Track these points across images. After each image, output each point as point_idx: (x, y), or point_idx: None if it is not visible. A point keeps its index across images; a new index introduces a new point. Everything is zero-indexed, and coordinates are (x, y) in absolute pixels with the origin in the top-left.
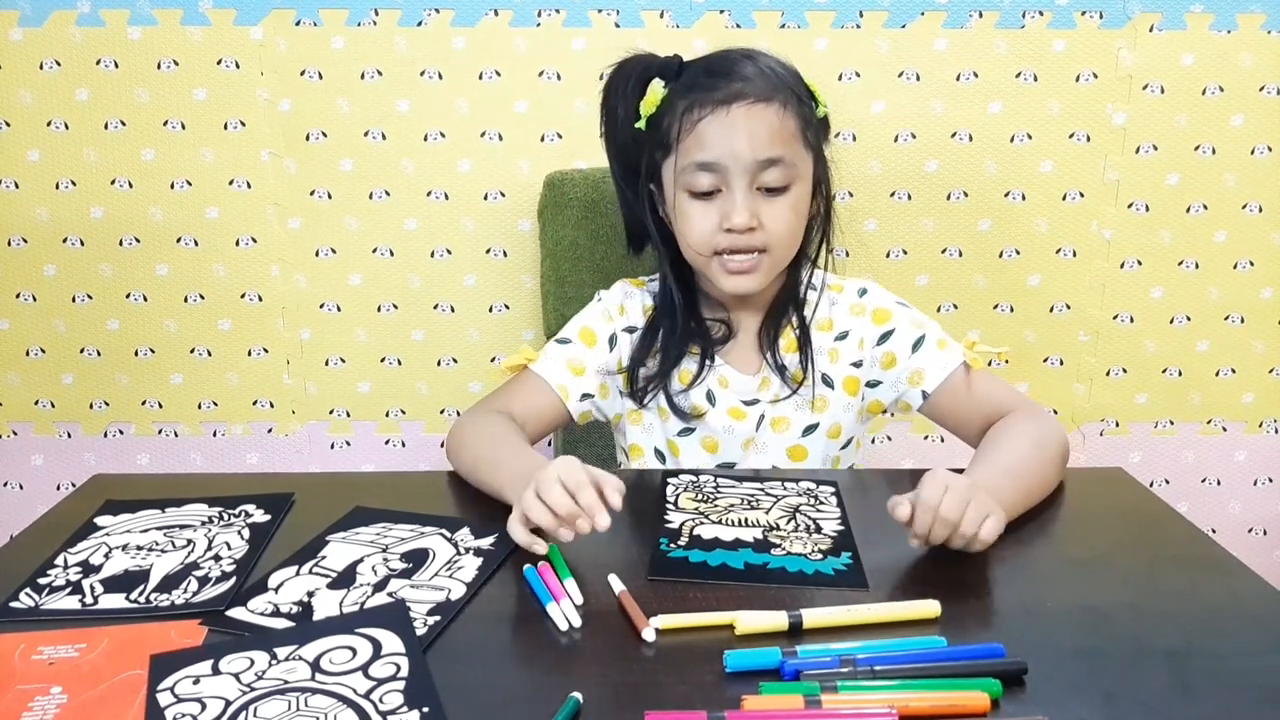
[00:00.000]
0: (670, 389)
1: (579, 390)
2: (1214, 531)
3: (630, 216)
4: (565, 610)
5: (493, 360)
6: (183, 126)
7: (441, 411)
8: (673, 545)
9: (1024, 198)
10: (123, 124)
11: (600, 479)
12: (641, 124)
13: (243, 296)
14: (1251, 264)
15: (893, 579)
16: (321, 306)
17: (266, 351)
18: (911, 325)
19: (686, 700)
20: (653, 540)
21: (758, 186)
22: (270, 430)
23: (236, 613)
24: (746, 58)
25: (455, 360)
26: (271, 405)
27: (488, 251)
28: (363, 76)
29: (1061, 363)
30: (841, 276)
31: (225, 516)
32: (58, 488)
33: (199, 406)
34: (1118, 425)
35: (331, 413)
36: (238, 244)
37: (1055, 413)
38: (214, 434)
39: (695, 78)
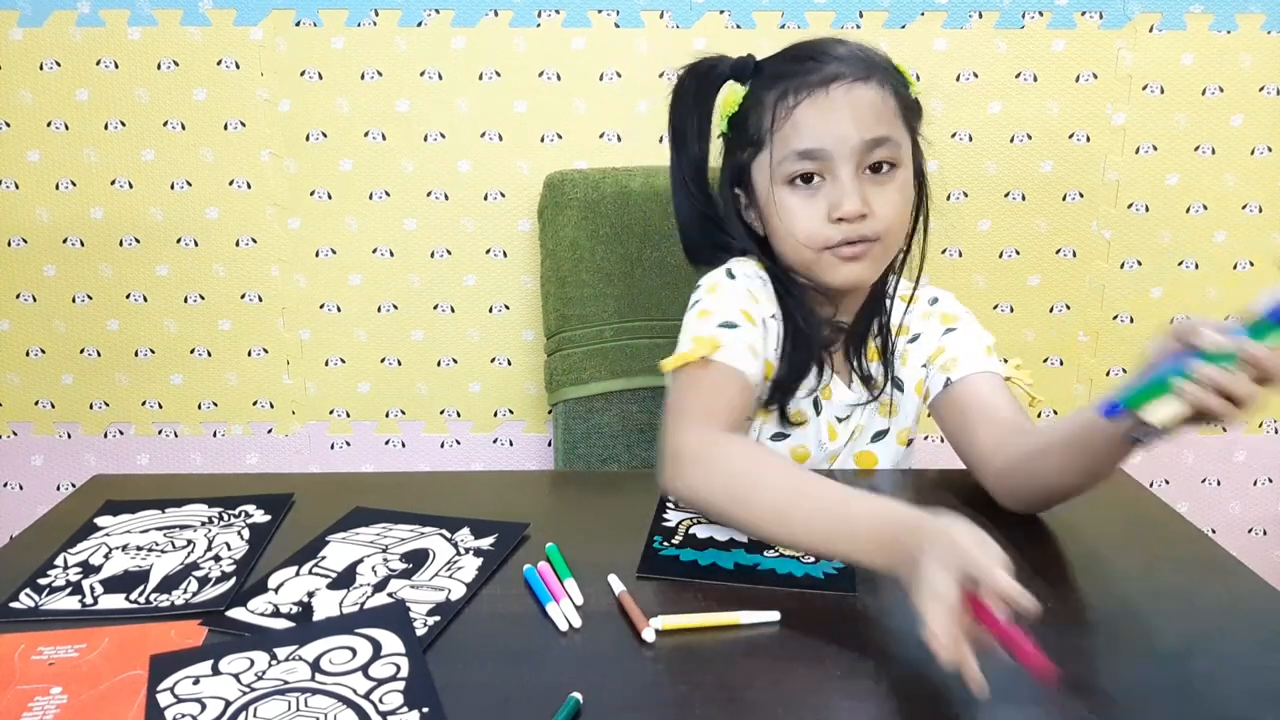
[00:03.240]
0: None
1: (760, 376)
2: (1214, 531)
3: (690, 227)
4: (565, 610)
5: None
6: (183, 127)
7: (441, 412)
8: (666, 544)
9: (1024, 198)
10: (123, 124)
11: (983, 577)
12: (723, 126)
13: (243, 297)
14: (1251, 264)
15: (886, 583)
16: (321, 307)
17: (266, 352)
18: (973, 333)
19: (686, 700)
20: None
21: (863, 169)
22: (270, 430)
23: (236, 613)
24: (835, 41)
25: (455, 360)
26: (271, 405)
27: (488, 252)
28: (363, 77)
29: (1061, 363)
30: (913, 285)
31: (225, 517)
32: (58, 488)
33: (199, 407)
34: None
35: (331, 413)
36: (238, 244)
37: (1055, 413)
38: (214, 434)
39: (780, 67)
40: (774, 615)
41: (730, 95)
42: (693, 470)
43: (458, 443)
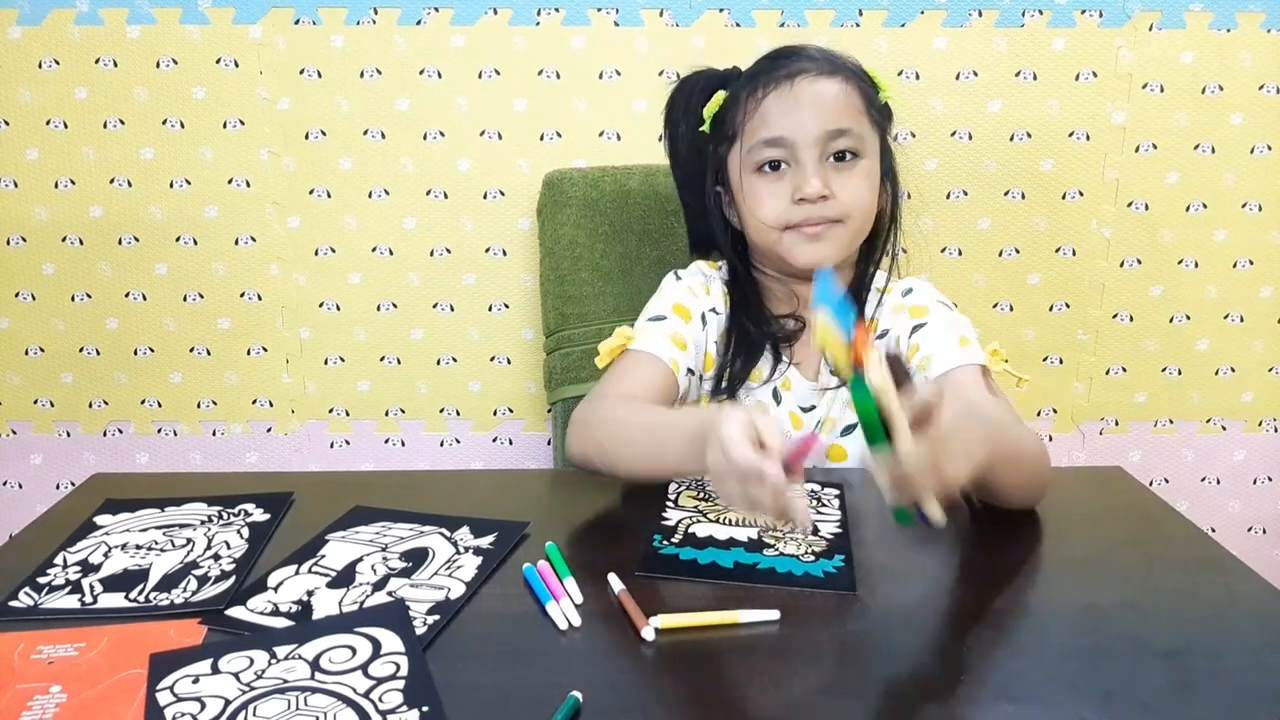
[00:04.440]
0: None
1: (685, 365)
2: (1214, 531)
3: (694, 227)
4: (565, 610)
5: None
6: (182, 125)
7: (441, 410)
8: (666, 542)
9: (1023, 196)
10: (122, 123)
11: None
12: (705, 127)
13: (242, 295)
14: (1251, 263)
15: (886, 582)
16: (321, 305)
17: (266, 350)
18: (944, 324)
19: (686, 699)
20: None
21: (827, 157)
22: (270, 429)
23: (236, 612)
24: (810, 45)
25: (455, 359)
26: (271, 404)
27: (487, 250)
28: (362, 75)
29: (1061, 362)
30: (898, 278)
31: (224, 515)
32: (57, 487)
33: (198, 405)
34: (1117, 424)
35: (331, 412)
36: (237, 243)
37: (1055, 411)
38: (213, 433)
39: (755, 67)
40: (774, 614)
41: (716, 98)
42: (577, 433)
43: (457, 441)
